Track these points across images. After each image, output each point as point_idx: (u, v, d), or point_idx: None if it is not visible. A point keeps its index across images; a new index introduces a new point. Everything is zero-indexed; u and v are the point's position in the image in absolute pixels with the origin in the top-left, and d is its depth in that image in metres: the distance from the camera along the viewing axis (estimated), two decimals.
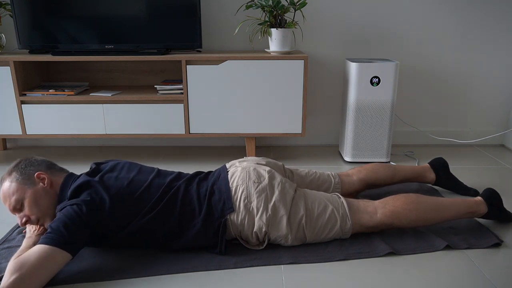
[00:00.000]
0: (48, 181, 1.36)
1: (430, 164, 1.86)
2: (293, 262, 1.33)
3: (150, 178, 1.40)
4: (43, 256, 1.14)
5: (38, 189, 1.34)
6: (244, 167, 1.45)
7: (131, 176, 1.39)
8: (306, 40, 2.46)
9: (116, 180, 1.36)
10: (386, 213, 1.41)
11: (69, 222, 1.21)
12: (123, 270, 1.29)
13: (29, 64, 2.27)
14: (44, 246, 1.16)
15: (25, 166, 1.38)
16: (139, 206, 1.33)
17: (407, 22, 2.42)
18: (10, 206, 1.34)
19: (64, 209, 1.26)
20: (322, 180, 1.65)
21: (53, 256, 1.15)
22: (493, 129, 2.60)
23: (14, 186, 1.34)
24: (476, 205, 1.50)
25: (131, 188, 1.35)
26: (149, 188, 1.36)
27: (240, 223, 1.35)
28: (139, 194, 1.34)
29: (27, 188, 1.34)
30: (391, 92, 2.17)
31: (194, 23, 2.22)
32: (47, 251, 1.15)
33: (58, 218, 1.23)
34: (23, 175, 1.36)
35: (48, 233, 1.19)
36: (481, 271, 1.29)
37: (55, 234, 1.18)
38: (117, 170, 1.42)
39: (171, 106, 2.19)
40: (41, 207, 1.33)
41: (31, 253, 1.14)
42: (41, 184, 1.35)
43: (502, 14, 2.40)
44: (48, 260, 1.14)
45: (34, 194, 1.33)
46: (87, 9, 2.19)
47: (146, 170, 1.46)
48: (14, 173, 1.37)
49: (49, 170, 1.40)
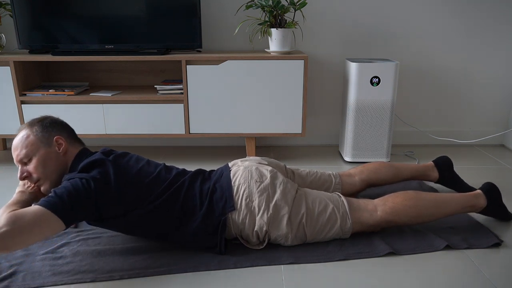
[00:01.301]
0: (64, 148, 1.36)
1: (434, 162, 1.84)
2: (293, 262, 1.33)
3: (158, 171, 1.40)
4: (39, 218, 1.12)
5: (52, 152, 1.33)
6: (246, 166, 1.46)
7: (140, 165, 1.40)
8: (306, 40, 2.46)
9: (126, 165, 1.36)
10: (386, 210, 1.41)
11: (74, 193, 1.20)
12: (123, 270, 1.29)
13: (29, 64, 2.27)
14: (42, 209, 1.14)
15: (49, 125, 1.37)
16: (144, 194, 1.33)
17: (407, 22, 2.42)
18: (17, 157, 1.33)
19: (73, 180, 1.24)
20: (323, 180, 1.66)
21: (49, 221, 1.14)
22: (493, 129, 2.61)
23: (31, 139, 1.32)
24: (475, 198, 1.50)
25: (139, 176, 1.35)
26: (156, 179, 1.37)
27: (241, 222, 1.35)
28: (146, 183, 1.34)
29: (42, 147, 1.33)
30: (391, 92, 2.17)
31: (194, 23, 2.22)
32: (44, 214, 1.13)
33: (64, 186, 1.22)
34: (44, 132, 1.34)
35: (51, 197, 1.18)
36: (481, 271, 1.29)
37: (57, 199, 1.17)
38: (128, 158, 1.43)
39: (171, 106, 2.19)
40: (47, 171, 1.33)
41: (28, 211, 1.13)
42: (56, 148, 1.35)
43: (502, 14, 2.40)
44: (42, 224, 1.13)
45: (45, 155, 1.32)
46: (87, 9, 2.19)
47: (153, 163, 1.46)
48: (36, 127, 1.35)
49: (68, 139, 1.39)
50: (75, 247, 1.42)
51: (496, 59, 2.48)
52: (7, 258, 1.34)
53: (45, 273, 1.27)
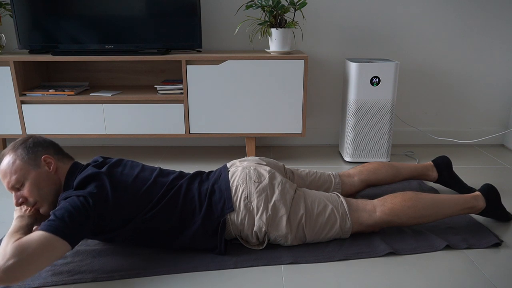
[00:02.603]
0: (54, 166, 1.32)
1: (433, 162, 1.85)
2: (293, 262, 1.33)
3: (154, 176, 1.39)
4: (44, 244, 1.11)
5: (42, 173, 1.30)
6: (245, 166, 1.46)
7: (135, 173, 1.39)
8: (306, 40, 2.46)
9: (121, 175, 1.35)
10: (385, 211, 1.42)
11: (74, 213, 1.18)
12: (123, 270, 1.29)
13: (29, 64, 2.27)
14: (46, 234, 1.12)
15: (33, 145, 1.32)
16: (143, 202, 1.32)
17: (407, 22, 2.42)
18: (8, 184, 1.28)
19: (70, 199, 1.22)
20: (322, 180, 1.66)
21: (55, 245, 1.13)
22: (493, 129, 2.61)
23: (18, 164, 1.28)
24: (474, 199, 1.50)
25: (136, 184, 1.34)
26: (153, 186, 1.36)
27: (240, 222, 1.35)
28: (143, 191, 1.34)
29: (31, 169, 1.29)
30: (391, 92, 2.17)
31: (194, 23, 2.22)
32: (49, 240, 1.12)
33: (63, 207, 1.20)
34: (30, 154, 1.30)
35: (52, 221, 1.16)
36: (481, 271, 1.29)
37: (59, 222, 1.15)
38: (122, 166, 1.42)
39: (171, 106, 2.19)
40: (42, 192, 1.30)
41: (33, 239, 1.11)
42: (46, 168, 1.31)
43: (502, 14, 2.40)
44: (49, 249, 1.11)
45: (37, 177, 1.29)
46: (87, 9, 2.19)
47: (148, 168, 1.46)
48: (20, 150, 1.30)
49: (56, 156, 1.36)
50: (75, 247, 1.41)
51: (496, 59, 2.48)
52: None
53: (45, 273, 1.28)
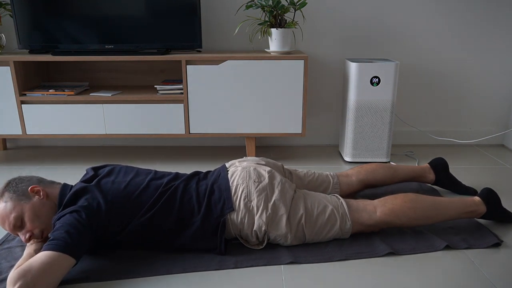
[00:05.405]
0: (43, 192, 1.34)
1: (430, 164, 1.86)
2: (293, 262, 1.33)
3: (147, 180, 1.40)
4: (46, 262, 1.11)
5: (36, 202, 1.31)
6: (244, 166, 1.46)
7: (128, 179, 1.39)
8: (306, 40, 2.46)
9: (113, 184, 1.36)
10: (385, 211, 1.42)
11: (70, 228, 1.19)
12: (123, 270, 1.29)
13: (29, 64, 2.27)
14: (47, 252, 1.13)
15: (16, 184, 1.34)
16: (136, 208, 1.33)
17: (407, 22, 2.42)
18: (10, 226, 1.29)
19: (63, 218, 1.24)
20: (320, 180, 1.66)
21: (57, 261, 1.13)
22: (493, 129, 2.60)
23: (10, 204, 1.29)
24: (475, 204, 1.50)
25: (128, 190, 1.35)
26: (146, 189, 1.36)
27: (240, 222, 1.35)
28: (136, 196, 1.34)
29: (24, 204, 1.30)
30: (391, 92, 2.17)
31: (194, 23, 2.22)
32: (50, 257, 1.13)
33: (58, 227, 1.21)
34: (17, 192, 1.32)
35: (50, 240, 1.17)
36: (481, 271, 1.29)
37: (57, 240, 1.16)
38: (114, 174, 1.42)
39: (171, 106, 2.19)
40: (43, 219, 1.30)
41: (34, 260, 1.12)
42: (37, 196, 1.33)
43: (502, 14, 2.40)
44: (52, 266, 1.12)
45: (32, 208, 1.30)
46: (87, 9, 2.19)
47: (143, 172, 1.46)
48: (7, 193, 1.32)
49: (41, 183, 1.38)
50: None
51: (496, 59, 2.48)
52: (7, 259, 1.35)
53: None
